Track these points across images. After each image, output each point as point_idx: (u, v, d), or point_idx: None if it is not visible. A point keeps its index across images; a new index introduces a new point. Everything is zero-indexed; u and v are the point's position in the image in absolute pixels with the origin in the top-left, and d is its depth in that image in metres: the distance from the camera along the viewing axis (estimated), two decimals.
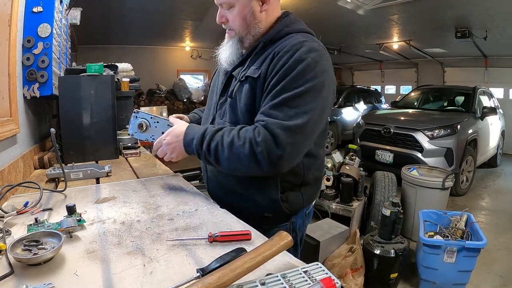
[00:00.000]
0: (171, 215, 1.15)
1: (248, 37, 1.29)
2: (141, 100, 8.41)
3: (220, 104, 1.37)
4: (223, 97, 1.35)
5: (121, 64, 3.17)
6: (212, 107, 1.43)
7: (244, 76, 1.24)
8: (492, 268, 3.21)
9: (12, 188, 1.36)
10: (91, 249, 0.89)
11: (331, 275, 0.71)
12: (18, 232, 1.00)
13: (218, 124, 1.34)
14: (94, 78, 2.08)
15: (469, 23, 6.55)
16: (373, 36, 8.58)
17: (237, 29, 1.28)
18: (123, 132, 2.34)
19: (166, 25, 7.51)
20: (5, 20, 1.63)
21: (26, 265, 0.79)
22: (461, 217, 2.98)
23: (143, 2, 5.69)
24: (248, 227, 1.04)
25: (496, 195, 5.55)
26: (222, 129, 1.20)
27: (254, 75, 1.21)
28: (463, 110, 6.04)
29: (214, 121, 1.39)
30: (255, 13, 1.24)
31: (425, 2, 5.52)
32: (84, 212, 1.15)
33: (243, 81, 1.24)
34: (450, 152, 5.03)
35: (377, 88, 11.90)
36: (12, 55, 1.66)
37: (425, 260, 2.71)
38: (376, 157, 5.62)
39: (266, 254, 0.77)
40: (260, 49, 1.26)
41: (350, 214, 3.49)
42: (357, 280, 2.79)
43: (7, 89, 1.63)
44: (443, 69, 10.50)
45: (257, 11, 1.24)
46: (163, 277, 0.76)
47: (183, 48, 10.39)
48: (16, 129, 1.67)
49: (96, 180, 1.67)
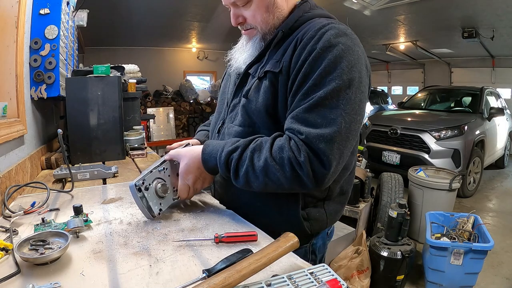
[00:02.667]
0: (178, 215, 1.15)
1: (272, 31, 1.12)
2: (147, 101, 8.44)
3: (233, 106, 1.20)
4: (237, 98, 1.18)
5: (128, 65, 3.19)
6: (223, 110, 1.27)
7: (263, 72, 1.07)
8: (499, 270, 3.18)
9: (20, 188, 1.37)
10: (98, 249, 0.89)
11: (337, 277, 0.71)
12: (25, 231, 1.00)
13: (227, 128, 1.20)
14: (101, 80, 2.09)
15: (476, 23, 6.51)
16: (379, 37, 8.55)
17: (259, 25, 1.12)
18: (129, 133, 2.35)
19: (172, 26, 7.54)
20: (13, 22, 1.64)
21: (32, 264, 0.80)
22: (468, 218, 2.96)
23: (150, 4, 5.72)
24: (255, 228, 1.03)
25: (504, 196, 5.50)
26: (244, 148, 1.02)
27: (275, 69, 1.04)
28: (470, 111, 6.01)
29: (223, 125, 1.23)
30: (276, 0, 1.09)
31: (431, 2, 5.49)
32: (91, 213, 1.15)
33: (262, 77, 1.08)
34: (457, 153, 5.00)
35: (384, 88, 11.89)
36: (19, 56, 1.67)
37: (432, 262, 2.69)
38: (382, 158, 5.60)
39: (272, 256, 0.76)
40: (279, 40, 1.09)
41: (357, 215, 3.47)
42: (363, 282, 2.77)
43: (14, 90, 1.64)
44: (450, 70, 10.45)
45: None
46: (169, 278, 0.76)
47: (189, 49, 10.42)
48: (24, 130, 1.69)
49: (103, 180, 1.68)
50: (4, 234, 0.98)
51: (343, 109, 0.93)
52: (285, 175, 0.94)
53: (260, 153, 0.98)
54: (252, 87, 1.11)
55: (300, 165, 0.92)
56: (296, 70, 0.99)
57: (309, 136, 0.92)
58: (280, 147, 0.96)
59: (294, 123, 0.97)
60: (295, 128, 0.96)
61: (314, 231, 1.16)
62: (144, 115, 4.78)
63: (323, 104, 0.93)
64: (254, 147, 1.00)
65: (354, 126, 0.96)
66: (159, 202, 1.10)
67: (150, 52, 9.64)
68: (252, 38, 1.16)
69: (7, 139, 1.40)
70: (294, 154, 0.93)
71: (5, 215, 1.13)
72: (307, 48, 0.98)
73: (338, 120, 0.92)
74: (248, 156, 0.99)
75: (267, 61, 1.09)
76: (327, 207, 1.16)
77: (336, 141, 0.92)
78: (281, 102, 1.05)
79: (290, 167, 0.93)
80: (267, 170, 0.96)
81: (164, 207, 1.12)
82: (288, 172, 0.93)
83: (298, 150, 0.93)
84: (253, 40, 1.16)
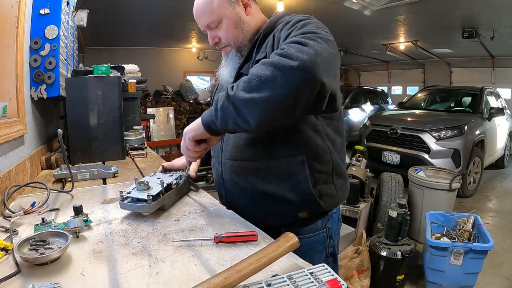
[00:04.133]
0: (178, 215, 1.15)
1: (245, 43, 1.28)
2: (147, 101, 8.44)
3: None
4: None
5: (128, 65, 3.19)
6: None
7: (254, 63, 1.17)
8: (499, 270, 3.18)
9: (20, 188, 1.37)
10: (98, 249, 0.90)
11: (337, 277, 0.71)
12: (25, 231, 1.00)
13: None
14: (101, 80, 2.09)
15: (476, 23, 6.50)
16: (379, 37, 8.54)
17: (232, 40, 1.27)
18: (129, 133, 2.35)
19: (172, 26, 7.53)
20: (13, 22, 1.64)
21: (32, 264, 0.80)
22: (468, 218, 2.95)
23: (150, 4, 5.71)
24: (255, 228, 1.03)
25: (504, 196, 5.50)
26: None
27: (261, 56, 1.15)
28: (470, 111, 6.01)
29: None
30: (242, 18, 1.26)
31: (431, 2, 5.48)
32: (91, 213, 1.15)
33: None
34: (457, 153, 5.00)
35: (384, 89, 11.88)
36: (19, 56, 1.68)
37: (432, 262, 2.69)
38: (383, 158, 5.59)
39: (272, 256, 0.76)
40: (261, 40, 1.23)
41: (357, 215, 3.47)
42: (363, 282, 2.77)
43: (14, 90, 1.65)
44: (450, 70, 10.45)
45: (244, 15, 1.26)
46: (169, 278, 0.76)
47: (189, 49, 10.41)
48: (24, 130, 1.69)
49: (103, 180, 1.68)
50: (4, 234, 0.98)
51: (322, 31, 1.00)
52: (270, 63, 0.92)
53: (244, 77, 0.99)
54: None
55: (282, 49, 0.93)
56: (277, 40, 1.11)
57: (290, 38, 0.98)
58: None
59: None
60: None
61: (329, 207, 1.22)
62: (144, 115, 4.79)
63: (301, 34, 0.98)
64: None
65: (335, 47, 0.99)
66: (146, 194, 1.11)
67: (150, 52, 9.64)
68: (229, 54, 1.31)
69: (7, 139, 1.40)
70: (274, 53, 0.95)
71: (5, 215, 1.13)
72: (284, 28, 1.10)
73: (317, 33, 0.97)
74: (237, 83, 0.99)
75: (255, 58, 1.20)
76: (335, 181, 1.22)
77: (313, 37, 0.94)
78: None
79: (272, 58, 0.93)
80: (252, 74, 0.94)
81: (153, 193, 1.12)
82: (271, 60, 0.93)
83: (279, 49, 0.96)
84: (230, 55, 1.30)
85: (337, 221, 1.32)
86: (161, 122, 8.63)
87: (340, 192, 1.25)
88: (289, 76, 0.89)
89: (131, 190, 1.15)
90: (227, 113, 0.98)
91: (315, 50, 0.90)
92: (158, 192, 1.14)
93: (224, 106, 0.98)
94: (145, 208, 1.10)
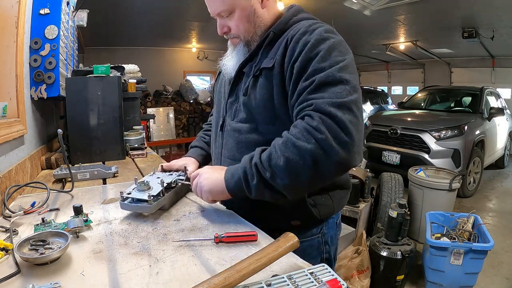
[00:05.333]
0: (178, 215, 1.15)
1: (255, 38, 1.20)
2: (147, 101, 8.43)
3: (230, 104, 1.25)
4: (232, 97, 1.25)
5: (128, 65, 3.19)
6: (222, 109, 1.32)
7: (259, 70, 1.13)
8: (499, 270, 3.18)
9: (19, 188, 1.37)
10: (98, 249, 0.90)
11: (337, 277, 0.71)
12: (25, 231, 1.00)
13: (229, 125, 1.24)
14: (101, 79, 2.09)
15: (476, 23, 6.50)
16: (379, 37, 8.54)
17: (242, 34, 1.20)
18: (129, 133, 2.35)
19: (172, 26, 7.52)
20: (13, 22, 1.64)
21: (32, 264, 0.80)
22: (468, 218, 2.96)
23: (150, 4, 5.70)
24: (255, 228, 1.03)
25: (504, 196, 5.50)
26: (263, 149, 1.02)
27: (269, 65, 1.10)
28: (470, 111, 6.01)
29: (224, 123, 1.28)
30: (257, 11, 1.17)
31: (431, 2, 5.48)
32: (91, 213, 1.15)
33: (258, 75, 1.14)
34: (457, 153, 5.00)
35: (384, 88, 11.85)
36: (19, 56, 1.67)
37: (432, 262, 2.69)
38: (382, 158, 5.60)
39: (272, 256, 0.76)
40: (270, 40, 1.16)
41: (357, 215, 3.46)
42: (363, 282, 2.77)
43: (14, 90, 1.65)
44: (450, 70, 10.45)
45: (259, 7, 1.17)
46: (169, 278, 0.76)
47: (189, 49, 10.40)
48: (24, 130, 1.69)
49: (102, 180, 1.68)
50: (4, 234, 0.98)
51: (349, 85, 0.97)
52: (304, 146, 0.92)
53: (275, 142, 1.00)
54: (250, 85, 1.16)
55: (316, 129, 0.92)
56: (293, 61, 1.05)
57: (317, 103, 0.95)
58: (294, 125, 0.99)
59: (300, 106, 1.01)
60: (302, 107, 0.99)
61: (323, 216, 1.21)
62: (144, 115, 4.78)
63: (327, 83, 0.97)
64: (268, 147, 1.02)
65: (357, 95, 0.98)
66: (147, 194, 1.11)
67: (150, 52, 9.63)
68: (237, 46, 1.25)
69: (7, 139, 1.40)
70: (307, 123, 0.94)
71: (5, 215, 1.13)
72: (301, 41, 1.05)
73: (345, 92, 0.95)
74: (267, 149, 1.01)
75: (260, 59, 1.16)
76: (332, 194, 1.21)
77: (347, 106, 0.93)
78: (277, 95, 1.10)
79: (306, 133, 0.93)
80: (286, 146, 0.95)
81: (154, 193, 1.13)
82: (306, 141, 0.92)
83: (311, 117, 0.94)
84: (237, 48, 1.24)
85: (334, 226, 1.29)
86: (161, 122, 8.61)
87: (337, 202, 1.23)
88: (327, 169, 0.93)
89: (132, 191, 1.15)
90: (264, 193, 1.01)
91: (352, 137, 0.92)
92: (159, 192, 1.14)
93: (259, 188, 1.00)
94: (146, 209, 1.10)
